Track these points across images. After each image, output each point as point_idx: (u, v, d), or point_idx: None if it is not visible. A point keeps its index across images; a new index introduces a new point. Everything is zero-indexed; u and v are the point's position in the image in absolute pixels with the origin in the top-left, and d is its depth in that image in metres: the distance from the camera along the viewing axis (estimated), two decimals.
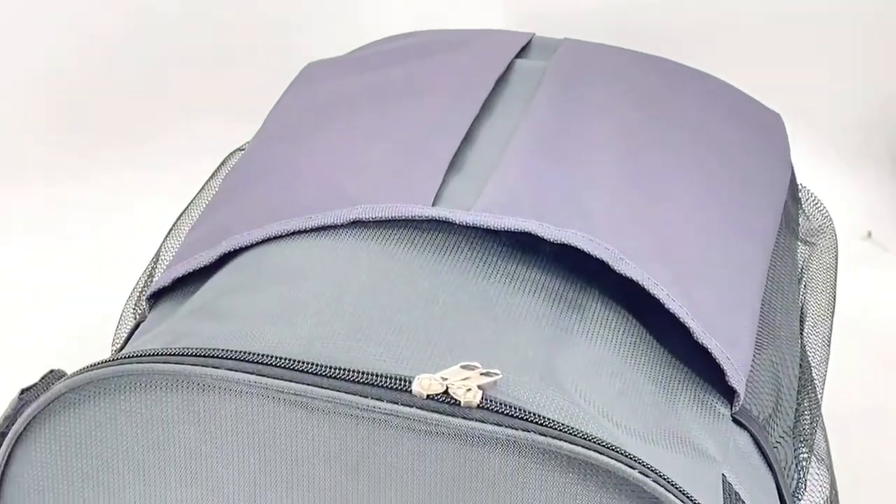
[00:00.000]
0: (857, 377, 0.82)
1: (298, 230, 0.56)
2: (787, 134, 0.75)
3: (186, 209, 0.71)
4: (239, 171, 0.65)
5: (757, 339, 0.57)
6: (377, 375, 0.46)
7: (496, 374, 0.46)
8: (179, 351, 0.48)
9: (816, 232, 0.75)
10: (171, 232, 0.70)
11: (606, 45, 0.75)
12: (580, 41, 0.75)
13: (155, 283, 0.59)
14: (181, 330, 0.51)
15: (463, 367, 0.46)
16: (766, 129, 0.73)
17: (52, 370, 0.53)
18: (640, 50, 0.76)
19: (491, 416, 0.45)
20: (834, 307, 0.70)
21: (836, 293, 0.71)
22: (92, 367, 0.48)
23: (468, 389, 0.45)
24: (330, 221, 0.56)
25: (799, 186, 0.76)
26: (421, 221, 0.55)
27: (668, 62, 0.75)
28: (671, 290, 0.53)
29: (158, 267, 0.67)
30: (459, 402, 0.45)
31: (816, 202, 0.77)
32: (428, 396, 0.46)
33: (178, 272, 0.57)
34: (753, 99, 0.75)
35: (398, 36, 0.79)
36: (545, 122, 0.62)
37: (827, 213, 0.76)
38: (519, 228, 0.53)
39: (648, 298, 0.53)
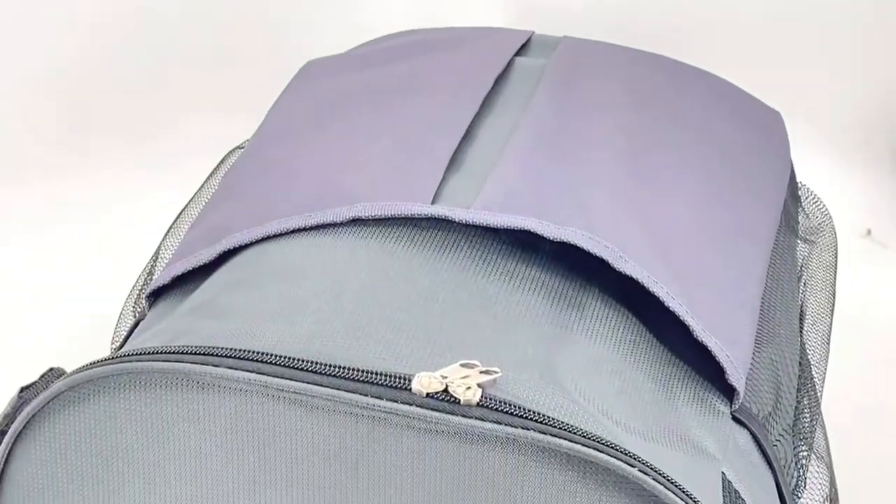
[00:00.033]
0: (856, 375, 0.82)
1: (298, 228, 0.56)
2: (786, 132, 0.75)
3: (186, 207, 0.71)
4: (238, 168, 0.65)
5: (757, 337, 0.57)
6: (377, 373, 0.46)
7: (496, 372, 0.46)
8: (179, 349, 0.48)
9: (816, 230, 0.75)
10: (170, 230, 0.70)
11: (606, 43, 0.75)
12: (580, 39, 0.75)
13: (154, 281, 0.59)
14: (181, 328, 0.51)
15: (462, 365, 0.46)
16: (765, 127, 0.73)
17: (51, 368, 0.53)
18: (639, 48, 0.75)
19: (490, 414, 0.45)
20: (833, 305, 0.70)
21: (835, 291, 0.71)
22: (91, 365, 0.48)
23: (468, 387, 0.45)
24: (329, 219, 0.56)
25: (798, 184, 0.76)
26: (420, 219, 0.55)
27: (667, 60, 0.75)
28: (671, 288, 0.53)
29: (158, 265, 0.67)
30: (459, 400, 0.45)
31: (816, 200, 0.77)
32: (427, 394, 0.46)
33: (177, 270, 0.57)
34: (753, 97, 0.75)
35: (398, 34, 0.79)
36: (545, 120, 0.62)
37: (826, 210, 0.76)
38: (518, 226, 0.53)
39: (648, 296, 0.53)
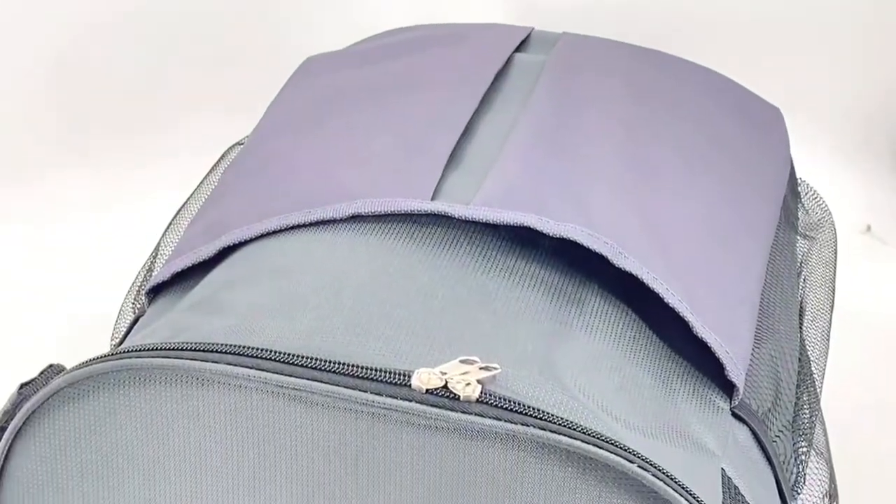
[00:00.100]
0: (856, 371, 0.82)
1: (297, 224, 0.56)
2: (786, 128, 0.75)
3: (185, 203, 0.71)
4: (238, 165, 0.65)
5: (756, 333, 0.57)
6: (376, 370, 0.46)
7: (495, 368, 0.46)
8: (178, 345, 0.48)
9: (816, 226, 0.75)
10: (170, 226, 0.70)
11: (606, 39, 0.75)
12: (579, 35, 0.75)
13: (154, 277, 0.59)
14: (180, 324, 0.51)
15: (462, 361, 0.46)
16: (765, 123, 0.73)
17: (51, 365, 0.53)
18: (639, 44, 0.75)
19: (490, 410, 0.45)
20: (833, 301, 0.70)
21: (835, 287, 0.71)
22: (91, 361, 0.48)
23: (467, 384, 0.45)
24: (329, 216, 0.56)
25: (798, 180, 0.76)
26: (420, 216, 0.55)
27: (667, 56, 0.75)
28: (670, 284, 0.53)
29: (157, 261, 0.67)
30: (458, 396, 0.45)
31: (816, 196, 0.77)
32: (427, 391, 0.46)
33: (177, 266, 0.57)
34: (753, 93, 0.75)
35: (397, 30, 0.79)
36: (544, 116, 0.62)
37: (826, 207, 0.76)
38: (518, 223, 0.53)
39: (648, 292, 0.53)
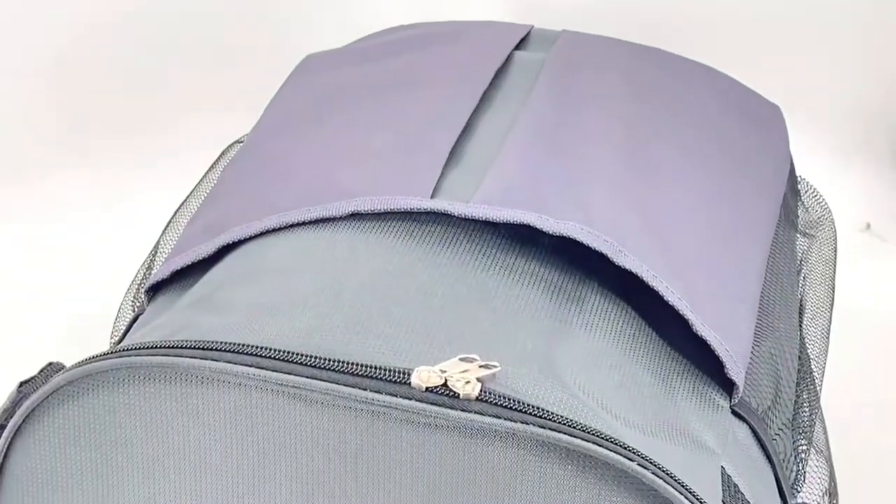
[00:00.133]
0: (856, 369, 0.83)
1: (297, 223, 0.56)
2: (786, 126, 0.75)
3: (185, 202, 0.71)
4: (237, 163, 0.65)
5: (756, 331, 0.57)
6: (376, 368, 0.46)
7: (495, 366, 0.46)
8: (178, 343, 0.48)
9: (815, 224, 0.75)
10: (169, 224, 0.70)
11: (605, 37, 0.75)
12: (579, 33, 0.75)
13: (153, 275, 0.59)
14: (179, 322, 0.51)
15: (462, 359, 0.46)
16: (765, 120, 0.73)
17: (50, 363, 0.53)
18: (638, 42, 0.75)
19: (490, 408, 0.45)
20: (833, 299, 0.70)
21: (835, 285, 0.71)
22: (90, 359, 0.48)
23: (467, 382, 0.45)
24: (328, 214, 0.56)
25: (798, 178, 0.76)
26: (419, 214, 0.55)
27: (666, 54, 0.75)
28: (670, 282, 0.53)
29: (157, 259, 0.67)
30: (458, 394, 0.45)
31: (815, 194, 0.77)
32: (427, 389, 0.46)
33: (176, 265, 0.57)
34: (753, 91, 0.75)
35: (397, 28, 0.79)
36: (544, 114, 0.62)
37: (826, 204, 0.76)
38: (518, 221, 0.53)
39: (647, 290, 0.53)
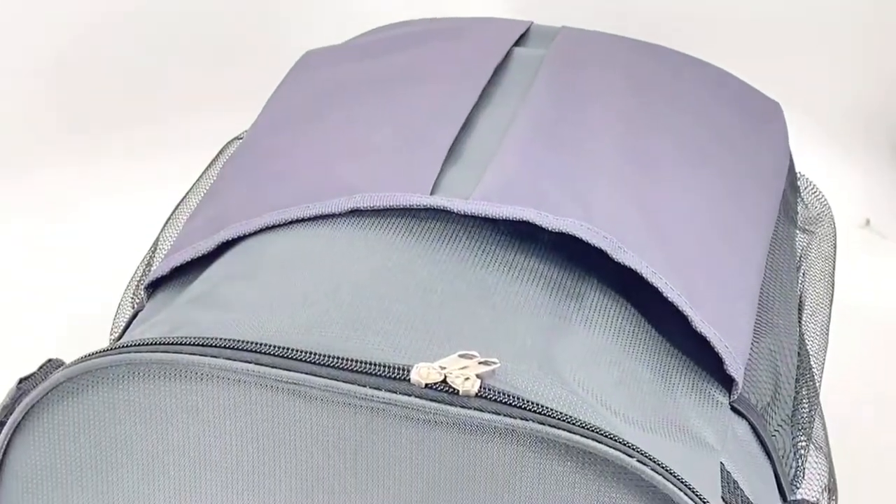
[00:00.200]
0: (855, 365, 0.83)
1: (296, 219, 0.56)
2: (785, 122, 0.75)
3: (184, 198, 0.71)
4: (237, 159, 0.65)
5: (755, 327, 0.57)
6: (375, 364, 0.46)
7: (494, 362, 0.46)
8: (177, 340, 0.48)
9: (815, 220, 0.75)
10: (169, 221, 0.70)
11: (605, 33, 0.75)
12: (578, 29, 0.75)
13: (153, 271, 0.59)
14: (179, 319, 0.51)
15: (461, 355, 0.46)
16: (764, 117, 0.73)
17: (50, 359, 0.53)
18: (638, 38, 0.75)
19: (489, 404, 0.45)
20: (832, 295, 0.71)
21: (834, 281, 0.72)
22: (90, 356, 0.48)
23: (466, 378, 0.45)
24: (328, 210, 0.56)
25: (797, 175, 0.76)
26: (419, 210, 0.55)
27: (666, 50, 0.75)
28: (670, 278, 0.53)
29: (156, 256, 0.67)
30: (458, 390, 0.45)
31: (815, 190, 0.77)
32: (426, 385, 0.46)
33: (176, 261, 0.57)
34: (752, 87, 0.75)
35: (397, 24, 0.79)
36: (543, 110, 0.62)
37: (825, 201, 0.76)
38: (517, 217, 0.53)
39: (647, 287, 0.53)
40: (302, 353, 0.47)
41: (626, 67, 0.70)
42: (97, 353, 0.48)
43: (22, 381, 0.52)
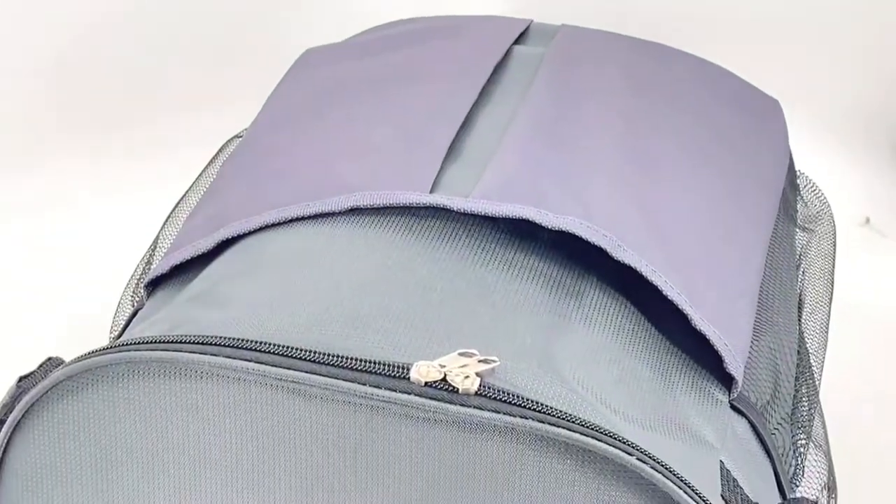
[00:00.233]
0: (855, 363, 0.82)
1: (296, 217, 0.56)
2: (785, 120, 0.75)
3: (184, 196, 0.71)
4: (236, 157, 0.65)
5: (755, 325, 0.57)
6: (375, 363, 0.46)
7: (494, 361, 0.46)
8: (177, 338, 0.48)
9: (815, 218, 0.75)
10: (168, 219, 0.70)
11: (604, 31, 0.75)
12: (578, 27, 0.75)
13: (153, 270, 0.59)
14: (179, 317, 0.51)
15: (461, 354, 0.46)
16: (764, 115, 0.73)
17: (50, 358, 0.53)
18: (638, 36, 0.75)
19: (489, 403, 0.45)
20: (832, 294, 0.70)
21: (834, 280, 0.71)
22: (90, 354, 0.48)
23: (466, 376, 0.45)
24: (328, 209, 0.56)
25: (797, 173, 0.76)
26: (419, 208, 0.55)
27: (666, 48, 0.75)
28: (669, 276, 0.53)
29: (156, 254, 0.67)
30: (457, 389, 0.45)
31: (815, 189, 0.77)
32: (426, 383, 0.46)
33: (176, 259, 0.57)
34: (752, 85, 0.75)
35: (396, 22, 0.79)
36: (543, 108, 0.62)
37: (825, 199, 0.76)
38: (517, 215, 0.53)
39: (647, 285, 0.53)
40: (302, 351, 0.47)
41: (625, 66, 0.70)
42: (97, 351, 0.48)
43: (22, 379, 0.52)
